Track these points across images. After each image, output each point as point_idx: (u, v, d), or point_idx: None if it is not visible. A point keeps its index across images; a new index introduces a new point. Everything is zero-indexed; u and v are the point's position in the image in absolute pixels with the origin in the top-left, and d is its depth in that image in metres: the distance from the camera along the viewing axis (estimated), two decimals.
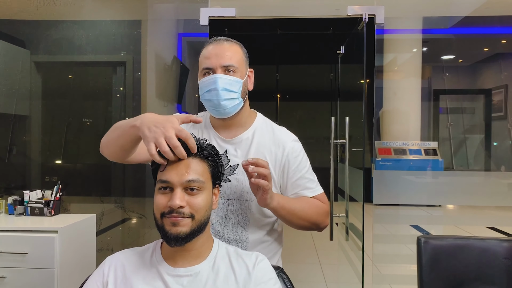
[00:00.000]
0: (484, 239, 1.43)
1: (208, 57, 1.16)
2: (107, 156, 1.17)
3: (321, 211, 1.23)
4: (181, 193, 0.91)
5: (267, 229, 1.24)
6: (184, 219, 0.90)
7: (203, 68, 1.17)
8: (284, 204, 1.13)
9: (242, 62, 1.20)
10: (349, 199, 2.62)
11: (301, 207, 1.18)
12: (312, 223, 1.22)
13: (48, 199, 2.26)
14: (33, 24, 3.45)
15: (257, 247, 1.21)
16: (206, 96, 1.16)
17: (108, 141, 1.13)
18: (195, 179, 0.92)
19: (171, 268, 0.94)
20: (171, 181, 0.91)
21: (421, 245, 1.42)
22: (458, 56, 7.41)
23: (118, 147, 1.09)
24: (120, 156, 1.14)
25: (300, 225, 1.20)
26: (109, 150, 1.14)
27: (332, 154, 2.43)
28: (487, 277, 1.38)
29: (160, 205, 0.92)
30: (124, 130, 1.04)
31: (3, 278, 1.93)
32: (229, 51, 1.16)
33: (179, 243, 0.90)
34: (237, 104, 1.18)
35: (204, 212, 0.94)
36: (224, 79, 1.14)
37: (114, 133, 1.09)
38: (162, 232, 0.92)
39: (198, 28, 2.39)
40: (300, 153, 1.25)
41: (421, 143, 6.29)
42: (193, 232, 0.92)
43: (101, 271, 0.96)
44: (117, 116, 3.92)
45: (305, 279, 3.24)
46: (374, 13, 2.17)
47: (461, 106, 7.63)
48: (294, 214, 1.17)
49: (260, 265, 0.96)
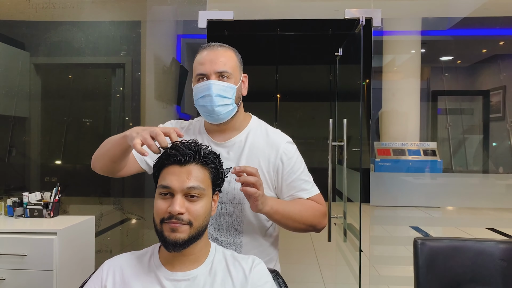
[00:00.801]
0: (480, 240, 1.44)
1: (202, 63, 1.17)
2: (98, 170, 1.21)
3: (317, 212, 1.23)
4: (181, 199, 0.92)
5: (262, 233, 1.25)
6: (183, 226, 0.91)
7: (197, 74, 1.18)
8: (278, 208, 1.14)
9: (236, 68, 1.20)
10: (347, 200, 2.63)
11: (296, 210, 1.18)
12: (309, 225, 1.22)
13: (47, 201, 2.27)
14: (32, 26, 3.45)
15: (252, 251, 1.21)
16: (200, 102, 1.17)
17: (99, 155, 1.18)
18: (196, 185, 0.93)
19: (169, 273, 0.95)
20: (172, 186, 0.92)
21: (418, 247, 1.43)
22: (456, 57, 7.43)
23: (108, 158, 1.14)
24: (110, 168, 1.18)
25: (296, 228, 1.21)
26: (100, 163, 1.18)
27: (330, 155, 2.44)
28: (483, 278, 1.39)
29: (160, 210, 0.93)
30: (115, 142, 1.10)
31: (3, 279, 1.95)
32: (223, 57, 1.17)
33: (177, 249, 0.92)
34: (231, 110, 1.18)
35: (203, 219, 0.95)
36: (218, 85, 1.14)
37: (105, 147, 1.15)
38: (161, 238, 0.94)
39: (197, 29, 2.40)
40: (294, 154, 1.25)
41: (420, 144, 6.30)
42: (191, 239, 0.93)
43: (100, 275, 0.97)
44: (117, 117, 3.93)
45: (303, 280, 3.25)
46: (371, 16, 2.18)
47: (459, 107, 7.65)
48: (289, 218, 1.17)
49: (257, 268, 0.97)
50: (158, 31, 3.82)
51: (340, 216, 2.76)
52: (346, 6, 2.31)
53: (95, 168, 1.22)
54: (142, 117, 3.69)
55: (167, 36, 3.89)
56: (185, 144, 0.97)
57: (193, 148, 0.96)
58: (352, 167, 2.66)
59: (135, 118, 3.74)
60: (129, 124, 3.88)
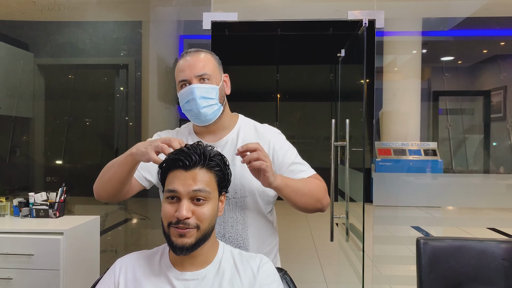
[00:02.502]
0: (482, 240, 1.44)
1: (182, 69, 1.21)
2: (104, 197, 1.23)
3: (321, 188, 1.26)
4: (188, 204, 0.94)
5: (265, 223, 1.28)
6: (191, 230, 0.93)
7: (179, 80, 1.22)
8: (287, 182, 1.16)
9: (215, 69, 1.24)
10: (349, 200, 2.64)
11: (303, 184, 1.21)
12: (316, 199, 1.23)
13: (53, 201, 2.28)
14: (36, 27, 3.46)
15: (258, 242, 1.24)
16: (186, 106, 1.21)
17: (103, 182, 1.19)
18: (202, 189, 0.95)
19: (179, 273, 0.97)
20: (178, 190, 0.94)
21: (421, 246, 1.44)
22: (457, 57, 7.45)
23: (117, 181, 1.15)
24: (118, 191, 1.19)
25: (304, 203, 1.21)
26: (107, 189, 1.19)
27: (333, 156, 2.46)
28: (485, 278, 1.39)
29: (168, 214, 0.95)
30: (121, 163, 1.12)
31: (10, 279, 1.96)
32: (201, 62, 1.21)
33: (184, 253, 0.94)
34: (216, 109, 1.22)
35: (209, 221, 0.97)
36: (200, 88, 1.19)
37: (110, 171, 1.17)
38: (168, 241, 0.96)
39: (200, 30, 2.41)
40: (285, 143, 1.30)
41: (420, 144, 6.32)
42: (198, 242, 0.95)
43: (112, 273, 0.99)
44: (119, 116, 3.94)
45: (306, 279, 3.27)
46: (374, 18, 2.20)
47: (460, 107, 7.66)
48: (298, 191, 1.18)
49: (264, 267, 0.99)
50: (161, 31, 3.83)
51: (343, 216, 2.78)
52: (347, 6, 2.32)
53: (101, 197, 1.23)
54: (144, 118, 3.70)
55: (169, 36, 3.90)
56: (190, 147, 0.98)
57: (198, 151, 0.97)
58: (352, 166, 2.68)
59: (137, 119, 3.76)
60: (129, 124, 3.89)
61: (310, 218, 5.53)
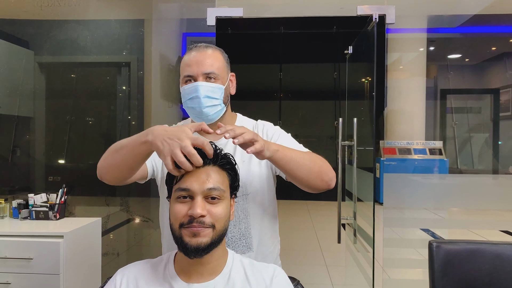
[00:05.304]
0: (497, 243, 1.39)
1: (189, 64, 1.17)
2: (108, 181, 1.10)
3: (323, 161, 1.17)
4: (202, 201, 0.88)
5: (268, 221, 1.24)
6: (205, 229, 0.87)
7: (184, 75, 1.17)
8: (284, 150, 1.07)
9: (223, 68, 1.20)
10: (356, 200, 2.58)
11: (301, 153, 1.13)
12: (319, 170, 1.13)
13: (53, 203, 2.23)
14: (37, 24, 3.42)
15: (261, 240, 1.21)
16: (189, 103, 1.16)
17: (111, 164, 1.05)
18: (216, 187, 0.89)
19: (185, 284, 0.90)
20: (191, 189, 0.88)
21: (433, 250, 1.39)
22: (464, 55, 7.36)
23: (127, 168, 1.03)
24: (126, 177, 1.08)
25: (308, 175, 1.11)
26: (114, 173, 1.06)
27: (340, 155, 2.40)
28: (500, 282, 1.35)
29: (179, 214, 0.88)
30: (133, 148, 0.98)
31: (8, 283, 1.91)
32: (210, 58, 1.17)
33: (199, 255, 0.87)
34: (219, 110, 1.18)
35: (224, 222, 0.91)
36: (205, 86, 1.14)
37: (119, 154, 1.02)
38: (180, 244, 0.88)
39: (203, 27, 2.35)
40: (282, 132, 1.27)
41: (426, 143, 6.27)
42: (213, 243, 0.88)
43: (113, 284, 0.93)
44: (121, 115, 3.89)
45: (312, 281, 3.21)
46: (384, 13, 2.12)
47: (465, 105, 7.59)
48: (298, 160, 1.09)
49: (278, 278, 0.93)
50: (164, 29, 3.78)
51: (351, 217, 2.72)
52: (350, 3, 2.25)
53: (105, 178, 1.10)
54: (146, 117, 3.66)
55: (172, 34, 3.85)
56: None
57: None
58: (359, 166, 2.61)
59: (139, 118, 3.71)
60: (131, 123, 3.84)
61: (314, 218, 5.47)
